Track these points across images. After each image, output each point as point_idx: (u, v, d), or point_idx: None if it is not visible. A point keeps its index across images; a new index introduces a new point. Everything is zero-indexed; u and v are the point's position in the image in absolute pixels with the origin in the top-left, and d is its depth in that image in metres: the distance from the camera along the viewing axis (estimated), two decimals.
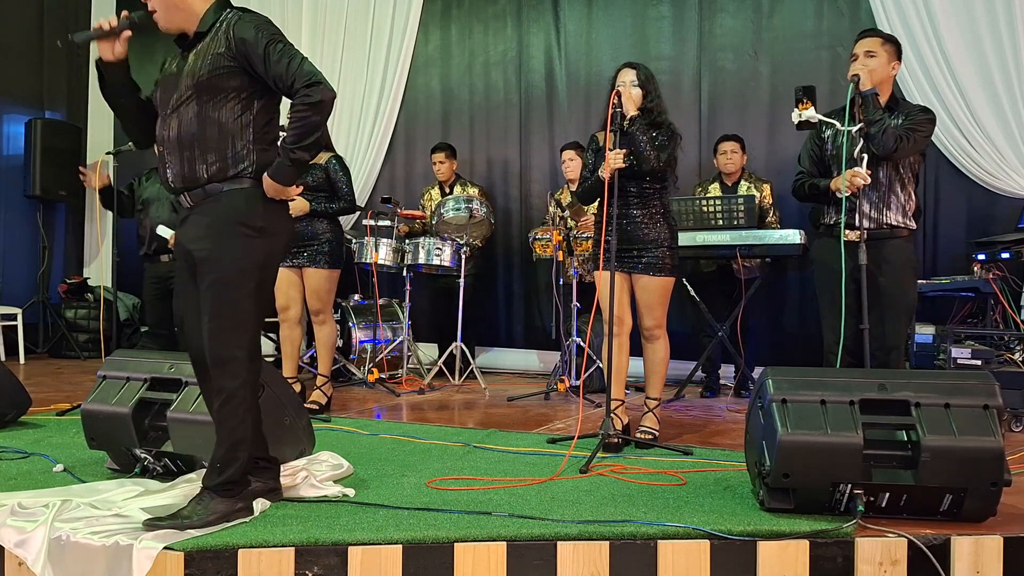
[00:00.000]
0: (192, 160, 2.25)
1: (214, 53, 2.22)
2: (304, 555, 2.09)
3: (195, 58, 2.25)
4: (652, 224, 3.45)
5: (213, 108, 2.23)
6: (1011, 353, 4.02)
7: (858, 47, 3.28)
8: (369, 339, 5.49)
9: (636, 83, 3.44)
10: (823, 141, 3.43)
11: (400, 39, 6.50)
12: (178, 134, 2.25)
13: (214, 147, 2.25)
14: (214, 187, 2.26)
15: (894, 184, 3.28)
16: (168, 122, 2.27)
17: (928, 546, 2.15)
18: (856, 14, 5.19)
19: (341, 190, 4.26)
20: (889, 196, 3.28)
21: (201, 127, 2.23)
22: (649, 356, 3.51)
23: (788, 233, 4.58)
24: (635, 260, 3.45)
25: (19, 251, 7.20)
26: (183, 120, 2.24)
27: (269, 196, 2.29)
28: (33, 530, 2.14)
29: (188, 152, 2.25)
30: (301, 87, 2.20)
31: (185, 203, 2.32)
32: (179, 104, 2.24)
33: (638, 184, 3.45)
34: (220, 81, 2.23)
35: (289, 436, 2.92)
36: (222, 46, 2.22)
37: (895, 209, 3.28)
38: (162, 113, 2.30)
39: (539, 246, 5.30)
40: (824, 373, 2.50)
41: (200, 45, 2.26)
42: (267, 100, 2.32)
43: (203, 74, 2.21)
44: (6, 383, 3.66)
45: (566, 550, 2.14)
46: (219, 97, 2.23)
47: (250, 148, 2.28)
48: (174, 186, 2.29)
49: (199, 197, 2.27)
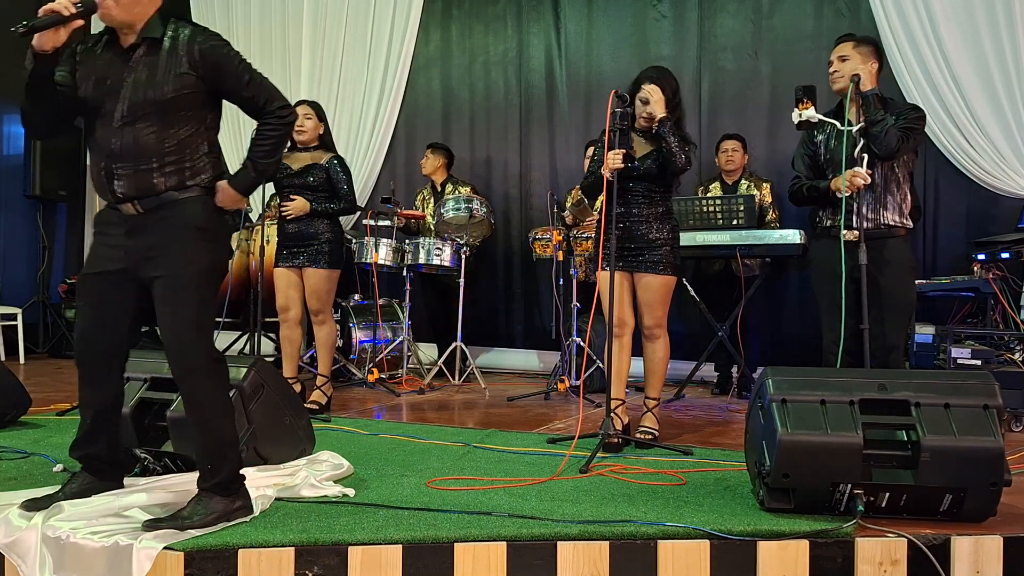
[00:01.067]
0: (149, 171, 2.23)
1: (176, 73, 2.21)
2: (304, 555, 2.09)
3: (149, 71, 2.20)
4: (655, 224, 3.46)
5: (172, 124, 2.23)
6: (1011, 353, 4.02)
7: (832, 54, 3.33)
8: (369, 339, 5.49)
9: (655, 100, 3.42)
10: (816, 145, 3.43)
11: (400, 39, 6.50)
12: (134, 145, 2.21)
13: (173, 160, 2.24)
14: (170, 195, 2.24)
15: (890, 184, 3.29)
16: (117, 133, 2.21)
17: (928, 546, 2.16)
18: (856, 14, 5.19)
19: (342, 190, 4.26)
20: (885, 196, 3.29)
21: (160, 141, 2.22)
22: (649, 355, 3.51)
23: (788, 233, 4.58)
24: (637, 259, 3.45)
25: (19, 251, 7.20)
26: (139, 133, 2.20)
27: (221, 205, 2.32)
28: (25, 530, 2.14)
29: (145, 164, 2.22)
30: (276, 108, 2.33)
31: (131, 210, 2.25)
32: (133, 117, 2.20)
33: (644, 185, 3.46)
34: (182, 100, 2.23)
35: (289, 436, 2.92)
36: (184, 65, 2.21)
37: (892, 208, 3.29)
38: (102, 121, 2.24)
39: (539, 246, 5.30)
40: (824, 373, 2.51)
41: (152, 57, 2.22)
42: (217, 112, 2.38)
43: (166, 94, 2.20)
44: (6, 383, 3.66)
45: (566, 550, 2.14)
46: (180, 114, 2.24)
47: (205, 160, 2.31)
48: (124, 195, 2.23)
49: (151, 204, 2.24)
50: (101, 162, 2.25)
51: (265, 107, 2.33)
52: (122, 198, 2.24)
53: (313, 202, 4.19)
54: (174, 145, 2.24)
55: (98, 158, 2.26)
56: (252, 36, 7.03)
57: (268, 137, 2.34)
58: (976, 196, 4.90)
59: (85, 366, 2.36)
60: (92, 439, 2.38)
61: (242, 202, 2.37)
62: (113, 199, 2.26)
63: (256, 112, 2.35)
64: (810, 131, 3.42)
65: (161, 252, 2.23)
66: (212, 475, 2.25)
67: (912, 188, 3.40)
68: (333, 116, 6.40)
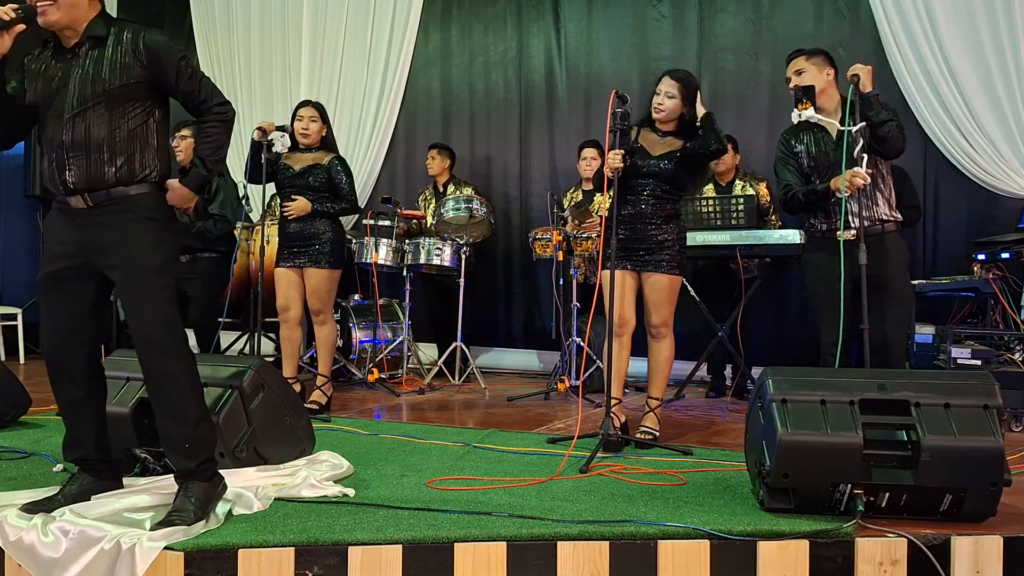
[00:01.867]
0: (100, 162, 2.26)
1: (122, 63, 2.26)
2: (304, 555, 2.09)
3: (94, 65, 2.26)
4: (663, 224, 3.46)
5: (121, 115, 2.28)
6: (1011, 353, 4.02)
7: (788, 71, 3.43)
8: (369, 339, 5.48)
9: (672, 95, 3.45)
10: (796, 155, 3.44)
11: (400, 39, 6.49)
12: (85, 137, 2.25)
13: (123, 151, 2.28)
14: (119, 190, 2.28)
15: (876, 180, 3.34)
16: (68, 125, 2.25)
17: (928, 546, 2.16)
18: (856, 14, 5.19)
19: (343, 190, 4.26)
20: (875, 192, 3.34)
21: (110, 132, 2.26)
22: (655, 355, 3.51)
23: (788, 233, 4.58)
24: (644, 258, 3.45)
25: (19, 251, 7.20)
26: (90, 124, 2.25)
27: (171, 203, 2.36)
28: (26, 531, 2.14)
29: (96, 155, 2.26)
30: (214, 104, 2.37)
31: (79, 204, 2.28)
32: (83, 109, 2.25)
33: (654, 184, 3.46)
34: (129, 91, 2.28)
35: (289, 436, 2.92)
36: (130, 56, 2.27)
37: (882, 203, 3.35)
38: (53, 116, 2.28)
39: (539, 246, 5.30)
40: (824, 373, 2.51)
41: (97, 52, 2.27)
42: (164, 111, 2.41)
43: (113, 83, 2.25)
44: (6, 383, 3.66)
45: (566, 550, 2.14)
46: (127, 105, 2.29)
47: (154, 155, 2.34)
48: (75, 186, 2.27)
49: (102, 199, 2.27)
50: (52, 155, 2.28)
51: (205, 103, 2.37)
52: (72, 189, 2.27)
53: (315, 202, 4.19)
54: (123, 137, 2.28)
55: (49, 152, 2.30)
56: (252, 36, 7.02)
57: (210, 134, 2.39)
58: (976, 196, 4.90)
59: (57, 367, 2.37)
60: (79, 441, 2.40)
61: (191, 200, 2.40)
62: (63, 190, 2.28)
63: (196, 107, 2.39)
64: (788, 141, 3.46)
65: (116, 242, 2.26)
66: (190, 456, 2.27)
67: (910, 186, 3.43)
68: (333, 116, 6.36)
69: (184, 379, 2.29)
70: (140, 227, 2.28)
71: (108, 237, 2.27)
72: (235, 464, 2.69)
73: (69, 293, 2.33)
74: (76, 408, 2.39)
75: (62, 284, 2.33)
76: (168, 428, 2.31)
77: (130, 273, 2.26)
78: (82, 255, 2.30)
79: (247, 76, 7.05)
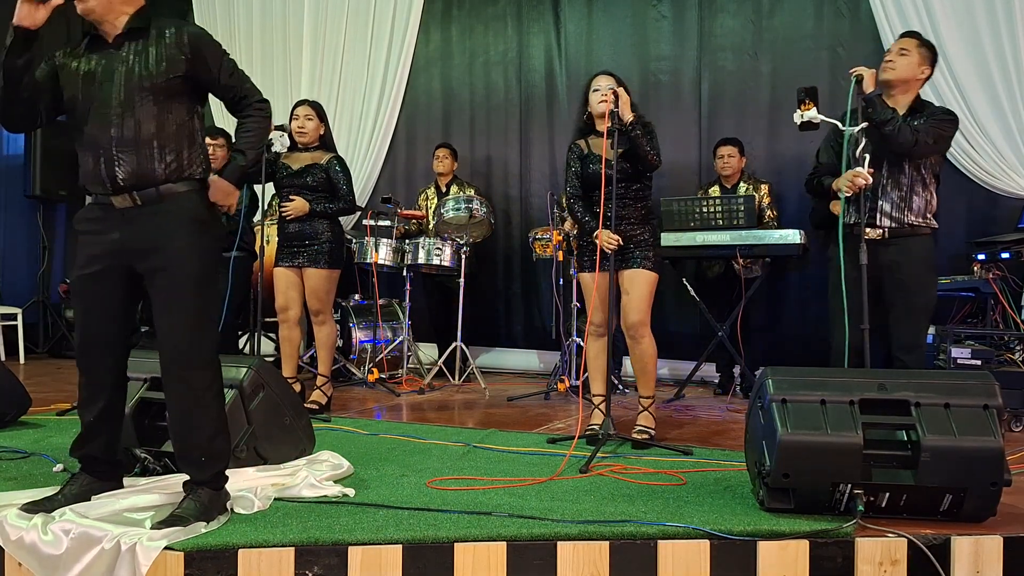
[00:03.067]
0: (151, 158, 2.24)
1: (168, 57, 2.25)
2: (304, 555, 2.09)
3: (138, 58, 2.24)
4: (640, 224, 3.50)
5: (168, 110, 2.26)
6: (1011, 353, 4.02)
7: (894, 44, 3.33)
8: (369, 339, 5.49)
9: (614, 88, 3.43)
10: None
11: (400, 39, 6.50)
12: (135, 132, 2.23)
13: (172, 147, 2.27)
14: (169, 187, 2.26)
15: (915, 185, 3.29)
16: (115, 120, 2.22)
17: (928, 546, 2.16)
18: (856, 14, 5.18)
19: (341, 190, 4.26)
20: (911, 196, 3.29)
21: (159, 127, 2.24)
22: (638, 356, 3.50)
23: (788, 233, 4.58)
24: (623, 257, 3.47)
25: (19, 251, 7.19)
26: (139, 119, 2.23)
27: (214, 200, 2.35)
28: (26, 531, 2.14)
29: (147, 150, 2.24)
30: (255, 100, 2.41)
31: (125, 203, 2.25)
32: (130, 104, 2.23)
33: (630, 186, 3.48)
34: (175, 85, 2.27)
35: (289, 436, 2.93)
36: (175, 51, 2.26)
37: (916, 210, 3.30)
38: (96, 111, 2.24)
39: (539, 246, 5.30)
40: (824, 373, 2.50)
41: (139, 45, 2.25)
42: (202, 106, 2.42)
43: (159, 77, 2.24)
44: (6, 383, 3.66)
45: (566, 550, 2.14)
46: (173, 100, 2.28)
47: (199, 152, 2.34)
48: (124, 184, 2.23)
49: (151, 197, 2.25)
50: (99, 152, 2.24)
51: (246, 98, 2.39)
52: (122, 186, 2.24)
53: (313, 202, 4.19)
54: (172, 132, 2.27)
55: (95, 149, 2.25)
56: (253, 36, 7.03)
57: (251, 128, 2.39)
58: (976, 196, 4.90)
59: (88, 367, 2.35)
60: (92, 437, 2.38)
61: (234, 195, 2.39)
62: (111, 188, 2.25)
63: (236, 103, 2.40)
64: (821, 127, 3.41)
65: (161, 245, 2.24)
66: (205, 468, 2.27)
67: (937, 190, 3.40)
68: (333, 116, 6.39)
69: (207, 393, 2.28)
70: (184, 231, 2.25)
71: (151, 240, 2.24)
72: (235, 464, 2.68)
73: (103, 294, 2.30)
74: (97, 406, 2.36)
75: (98, 285, 2.30)
76: (184, 440, 2.29)
77: (169, 279, 2.23)
78: (121, 256, 2.27)
79: None
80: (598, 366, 3.49)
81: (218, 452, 2.31)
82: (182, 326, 2.24)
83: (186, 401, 2.27)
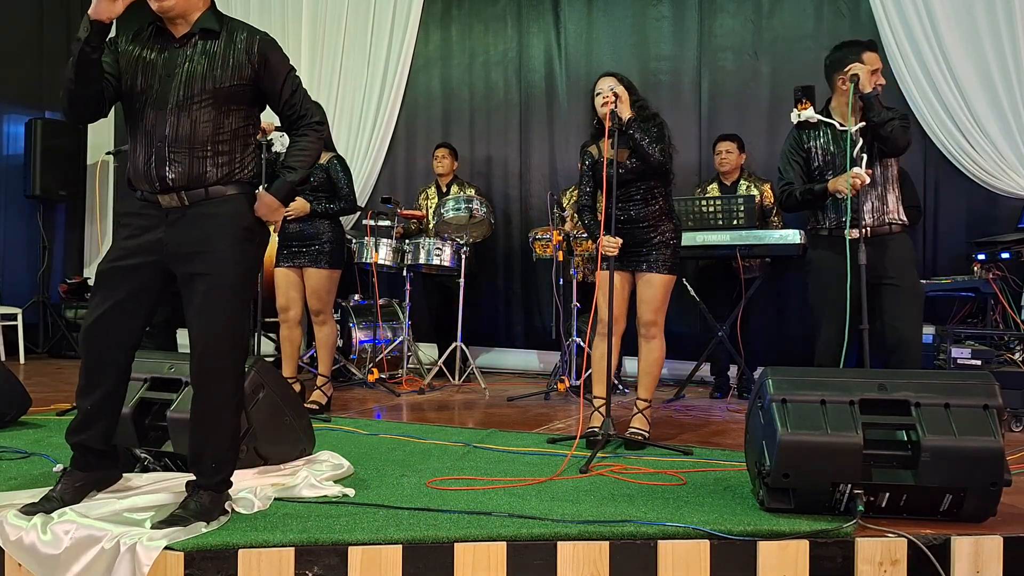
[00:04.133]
0: (203, 159, 2.23)
1: (236, 62, 2.23)
2: (304, 555, 2.09)
3: (206, 59, 2.22)
4: (656, 225, 3.46)
5: (227, 115, 2.25)
6: (1011, 353, 4.02)
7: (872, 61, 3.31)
8: (369, 339, 5.49)
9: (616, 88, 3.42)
10: (807, 151, 3.43)
11: (400, 39, 6.50)
12: (191, 132, 2.21)
13: (225, 150, 2.26)
14: (217, 189, 2.24)
15: (888, 181, 3.36)
16: (171, 118, 2.21)
17: (928, 546, 2.16)
18: (856, 14, 5.19)
19: (341, 191, 4.26)
20: (886, 193, 3.35)
21: (215, 129, 2.23)
22: (645, 355, 3.49)
23: (788, 233, 4.58)
24: (639, 259, 3.45)
25: (19, 251, 7.19)
26: (196, 119, 2.21)
27: (258, 214, 2.32)
28: (26, 531, 2.14)
29: (200, 151, 2.23)
30: (313, 121, 2.39)
31: (172, 202, 2.24)
32: (189, 103, 2.21)
33: (640, 187, 3.45)
34: (237, 91, 2.25)
35: (289, 436, 2.92)
36: (243, 57, 2.24)
37: (892, 204, 3.36)
38: (153, 106, 2.22)
39: (539, 246, 5.30)
40: (824, 373, 2.51)
41: (207, 46, 2.24)
42: (257, 114, 2.40)
43: (224, 81, 2.22)
44: (6, 383, 3.65)
45: (566, 550, 2.14)
46: (233, 105, 2.26)
47: (251, 156, 2.33)
48: (173, 183, 2.22)
49: (198, 198, 2.24)
50: (152, 148, 2.23)
51: (304, 117, 2.38)
52: (171, 185, 2.22)
53: (313, 202, 4.19)
54: (227, 136, 2.26)
55: (147, 145, 2.24)
56: None
57: (306, 148, 2.38)
58: (976, 196, 4.90)
59: (94, 354, 2.31)
60: (89, 425, 2.36)
61: (280, 212, 2.37)
62: (160, 186, 2.23)
63: (294, 121, 2.39)
64: (799, 136, 3.44)
65: (206, 249, 2.22)
66: (215, 473, 2.27)
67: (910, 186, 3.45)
68: (333, 116, 6.40)
69: (230, 403, 2.29)
70: (229, 236, 2.24)
71: (195, 243, 2.23)
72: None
73: (133, 288, 2.27)
74: (95, 395, 2.33)
75: (128, 278, 2.27)
76: (201, 444, 2.29)
77: (209, 283, 2.22)
78: (160, 254, 2.25)
79: None
80: (601, 368, 3.46)
81: (229, 460, 2.32)
82: (215, 331, 2.22)
83: (210, 408, 2.27)
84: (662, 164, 3.36)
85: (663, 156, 3.35)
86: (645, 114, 3.46)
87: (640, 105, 3.47)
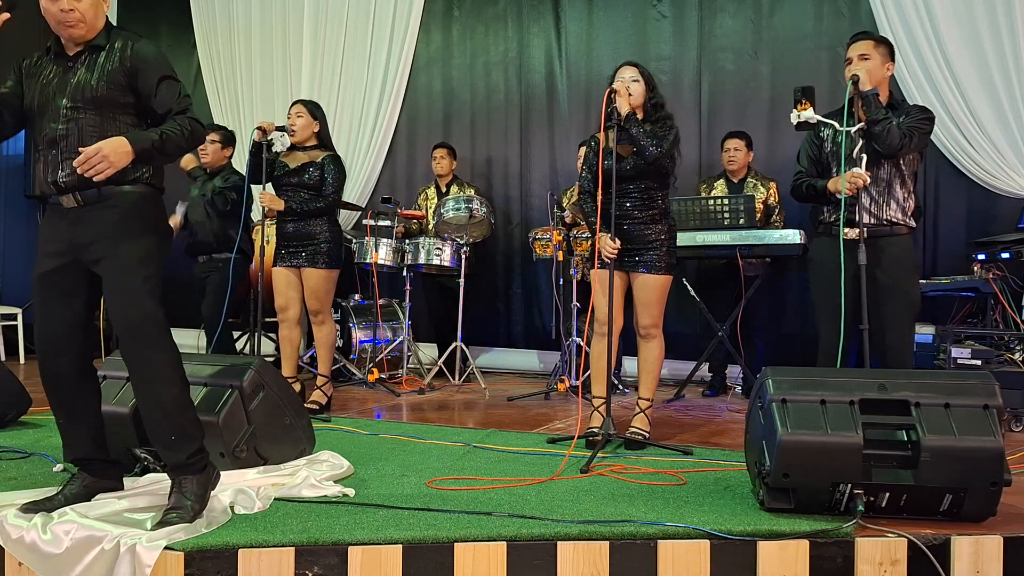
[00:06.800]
0: None
1: (111, 71, 2.31)
2: (304, 555, 2.09)
3: (87, 72, 2.31)
4: (652, 224, 3.45)
5: (113, 120, 2.32)
6: (1011, 353, 4.02)
7: (851, 51, 3.30)
8: (369, 339, 5.49)
9: (636, 79, 3.43)
10: (821, 140, 3.43)
11: (401, 40, 6.50)
12: (78, 139, 2.29)
13: None
14: (109, 189, 2.30)
15: (894, 182, 3.29)
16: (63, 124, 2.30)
17: (928, 546, 2.16)
18: (856, 14, 5.19)
19: (326, 188, 4.24)
20: (889, 194, 3.30)
21: (103, 135, 2.28)
22: (644, 355, 3.49)
23: (788, 233, 4.58)
24: (634, 259, 3.44)
25: (19, 251, 7.20)
26: (82, 127, 2.30)
27: (105, 152, 2.20)
28: (26, 531, 2.14)
29: None
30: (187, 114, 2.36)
31: (70, 202, 2.31)
32: (75, 114, 2.30)
33: (639, 185, 3.45)
34: (116, 97, 2.32)
35: (289, 436, 2.92)
36: (117, 65, 2.32)
37: (895, 207, 3.30)
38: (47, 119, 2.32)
39: (539, 246, 5.30)
40: (824, 373, 2.51)
41: (94, 59, 2.33)
42: None
43: (100, 90, 2.30)
44: (6, 383, 3.66)
45: (566, 550, 2.14)
46: (119, 112, 2.33)
47: None
48: (66, 185, 2.30)
49: (92, 197, 2.31)
50: (48, 154, 2.32)
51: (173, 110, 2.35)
52: (64, 187, 2.30)
53: (309, 201, 4.18)
54: None
55: (45, 151, 2.34)
56: (252, 36, 7.03)
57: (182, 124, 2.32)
58: (976, 196, 4.90)
59: (49, 367, 2.37)
60: (73, 440, 2.42)
61: (123, 148, 2.22)
62: (55, 189, 2.31)
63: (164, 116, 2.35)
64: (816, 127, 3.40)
65: (101, 236, 2.29)
66: (179, 448, 2.29)
67: (915, 189, 3.40)
68: (334, 116, 6.40)
69: (165, 370, 2.30)
70: (125, 222, 2.30)
71: (94, 232, 2.30)
72: (235, 464, 2.69)
73: (61, 293, 2.35)
74: (70, 409, 2.40)
75: (54, 284, 2.34)
76: (152, 421, 2.31)
77: (113, 266, 2.28)
78: (71, 252, 2.33)
79: (248, 77, 7.06)
80: (600, 367, 3.46)
81: (185, 429, 2.31)
82: (130, 311, 2.27)
83: (146, 382, 2.29)
84: (657, 160, 3.32)
85: (658, 151, 3.31)
86: (660, 114, 3.44)
87: (656, 103, 3.45)
